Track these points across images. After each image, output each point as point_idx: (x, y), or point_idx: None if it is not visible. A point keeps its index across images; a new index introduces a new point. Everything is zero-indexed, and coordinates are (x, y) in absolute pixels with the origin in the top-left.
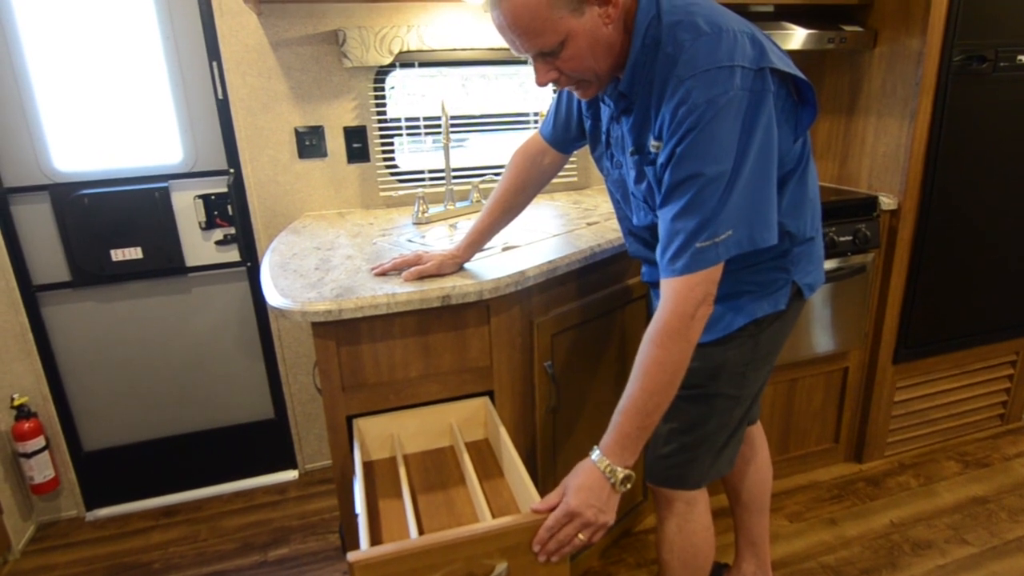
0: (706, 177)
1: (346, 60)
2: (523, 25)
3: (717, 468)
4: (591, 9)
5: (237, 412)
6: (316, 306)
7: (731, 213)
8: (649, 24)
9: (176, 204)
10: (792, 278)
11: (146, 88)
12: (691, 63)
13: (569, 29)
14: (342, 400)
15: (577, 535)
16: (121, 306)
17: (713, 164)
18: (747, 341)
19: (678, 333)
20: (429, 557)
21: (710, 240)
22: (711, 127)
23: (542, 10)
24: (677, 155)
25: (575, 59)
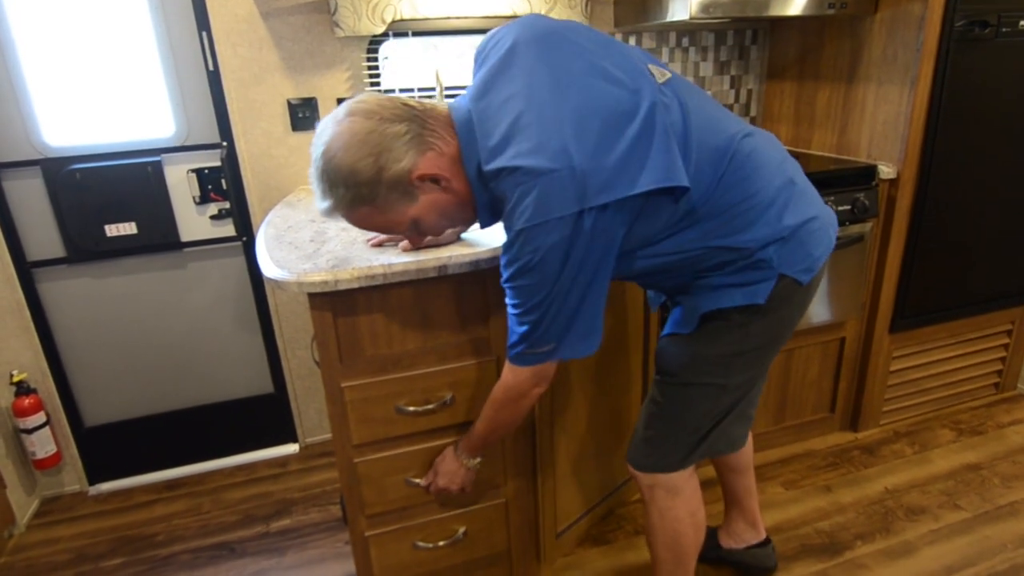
0: (528, 305)
1: (338, 29)
2: (371, 228)
3: (700, 453)
4: (425, 192)
5: (236, 387)
6: (312, 277)
7: (551, 331)
8: (477, 177)
9: (169, 178)
10: (777, 272)
11: (135, 60)
12: (520, 215)
13: (413, 215)
14: (340, 372)
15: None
16: (117, 282)
17: (534, 296)
18: (734, 331)
19: (510, 403)
20: (398, 385)
21: (531, 350)
22: (536, 271)
23: (378, 216)
24: (505, 279)
25: (434, 228)
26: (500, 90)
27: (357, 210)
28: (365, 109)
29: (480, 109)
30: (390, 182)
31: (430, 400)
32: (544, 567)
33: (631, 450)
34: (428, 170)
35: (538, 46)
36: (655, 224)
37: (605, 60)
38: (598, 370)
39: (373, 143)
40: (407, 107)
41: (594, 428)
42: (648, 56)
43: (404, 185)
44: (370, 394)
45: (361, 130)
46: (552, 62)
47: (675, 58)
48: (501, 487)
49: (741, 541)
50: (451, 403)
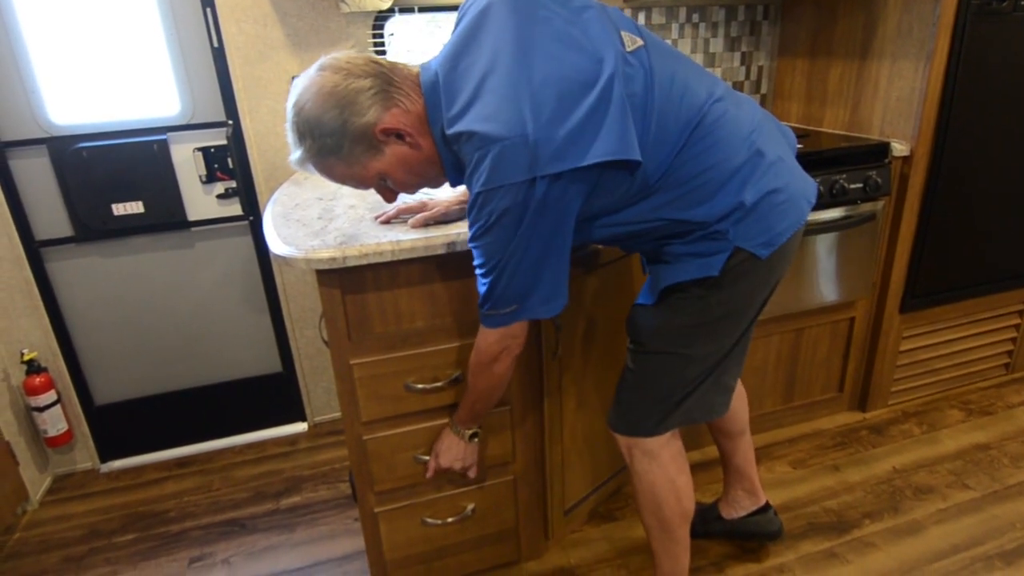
0: (489, 265)
1: (343, 5)
2: (340, 180)
3: (675, 420)
4: (390, 146)
5: (245, 366)
6: (320, 254)
7: (510, 292)
8: (442, 139)
9: (175, 157)
10: (733, 244)
11: (140, 37)
12: (478, 179)
13: (379, 169)
14: (348, 349)
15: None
16: (125, 261)
17: (493, 257)
18: (693, 302)
19: (484, 368)
20: (407, 363)
21: (495, 310)
22: (492, 232)
23: (344, 168)
24: (469, 239)
25: (402, 184)
26: (467, 55)
27: (324, 160)
28: (335, 65)
29: (446, 72)
30: (355, 134)
31: (439, 378)
32: (552, 543)
33: (610, 412)
34: (392, 124)
35: (509, 9)
36: (612, 195)
37: (575, 26)
38: (605, 347)
39: (339, 96)
40: (376, 64)
41: (602, 405)
42: (626, 20)
43: (369, 138)
44: (379, 371)
45: (328, 83)
46: (520, 27)
47: (685, 34)
48: (510, 464)
49: (740, 509)
50: (459, 380)
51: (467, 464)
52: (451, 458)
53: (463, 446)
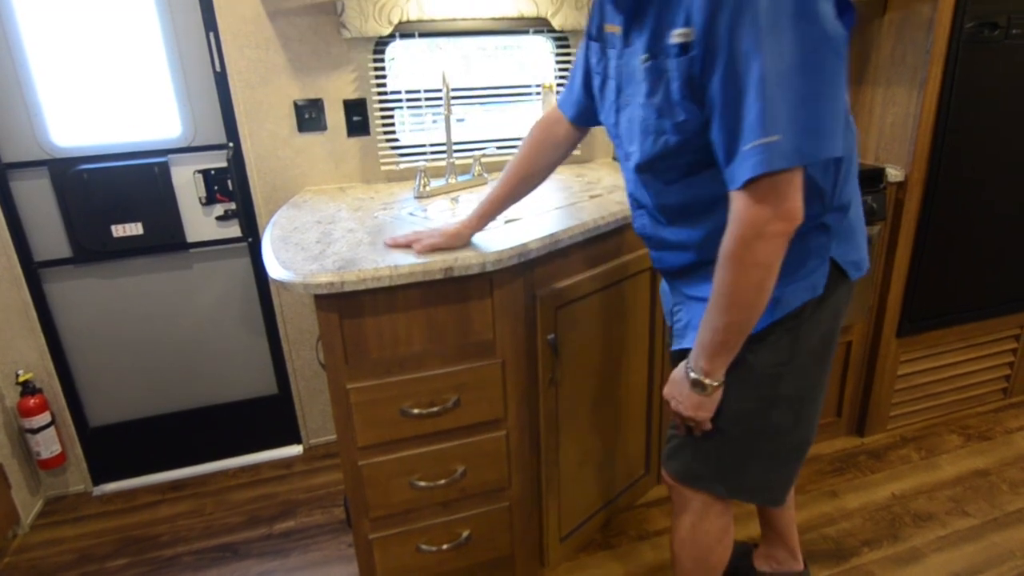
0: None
1: (345, 31)
2: None
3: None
4: None
5: (241, 388)
6: (318, 278)
7: (781, 107)
8: None
9: (176, 179)
10: (829, 254)
11: (143, 61)
12: None
13: None
14: (345, 373)
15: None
16: (123, 282)
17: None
18: (782, 337)
19: (736, 258)
20: (403, 387)
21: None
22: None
23: None
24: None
25: None
26: None
27: None
28: None
29: None
30: None
31: (435, 403)
32: (548, 571)
33: (666, 457)
34: None
35: None
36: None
37: None
38: (602, 373)
39: None
40: None
41: (599, 432)
42: None
43: None
44: (375, 396)
45: None
46: None
47: None
48: (505, 490)
49: (777, 565)
50: (456, 406)
51: (682, 412)
52: (670, 395)
53: (685, 388)
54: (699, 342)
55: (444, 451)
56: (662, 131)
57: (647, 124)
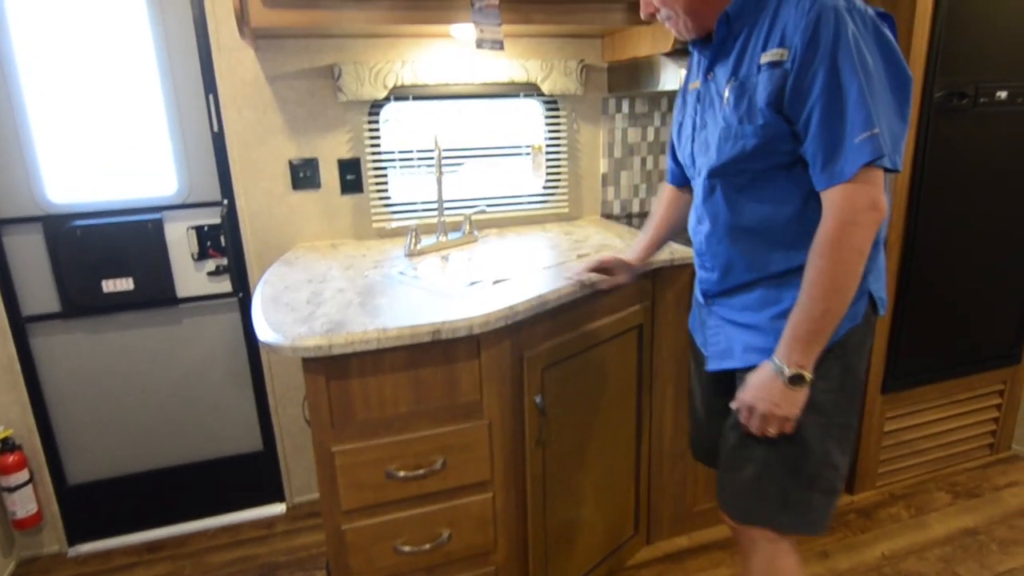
0: (855, 73)
1: (341, 94)
2: None
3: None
4: None
5: (225, 444)
6: (306, 341)
7: (878, 111)
8: None
9: (169, 235)
10: (867, 286)
11: (143, 121)
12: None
13: None
14: (331, 436)
15: (765, 426)
16: (111, 337)
17: (857, 61)
18: (833, 364)
19: (835, 243)
20: (389, 450)
21: (866, 132)
22: (845, 28)
23: None
24: (819, 59)
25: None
26: None
27: None
28: None
29: None
30: None
31: (421, 465)
32: None
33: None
34: None
35: None
36: None
37: None
38: (590, 433)
39: None
40: None
41: (586, 493)
42: None
43: None
44: (361, 459)
45: None
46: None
47: (667, 122)
48: (491, 554)
49: None
50: (442, 468)
51: (777, 414)
52: (758, 398)
53: (779, 387)
54: (792, 336)
55: (429, 514)
56: (742, 135)
57: (728, 130)
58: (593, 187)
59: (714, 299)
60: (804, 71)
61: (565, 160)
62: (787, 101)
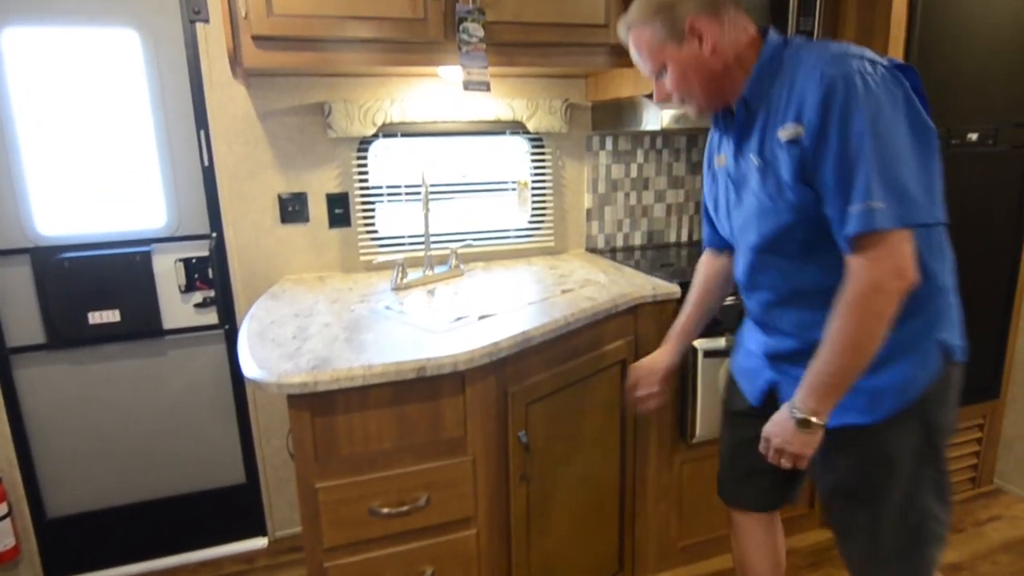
0: (865, 138)
1: (331, 131)
2: (635, 48)
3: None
4: (690, 43)
5: (207, 477)
6: (292, 378)
7: (886, 181)
8: (775, 48)
9: (157, 267)
10: (937, 335)
11: (134, 155)
12: (821, 54)
13: (667, 56)
14: (315, 472)
15: (778, 458)
16: (95, 369)
17: (868, 126)
18: (911, 422)
19: (855, 307)
20: (373, 486)
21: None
22: (856, 94)
23: (647, 40)
24: (831, 127)
25: (674, 82)
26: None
27: (640, 27)
28: None
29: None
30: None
31: (404, 501)
32: None
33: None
34: (702, 26)
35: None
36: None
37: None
38: (574, 469)
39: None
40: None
41: (570, 529)
42: None
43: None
44: (344, 495)
45: None
46: None
47: (649, 159)
48: None
49: None
50: (426, 505)
51: (787, 451)
52: (773, 433)
53: (790, 428)
54: (809, 385)
55: (413, 551)
56: (776, 212)
57: (763, 209)
58: (578, 222)
59: (782, 361)
60: (817, 144)
61: (551, 195)
62: (808, 173)
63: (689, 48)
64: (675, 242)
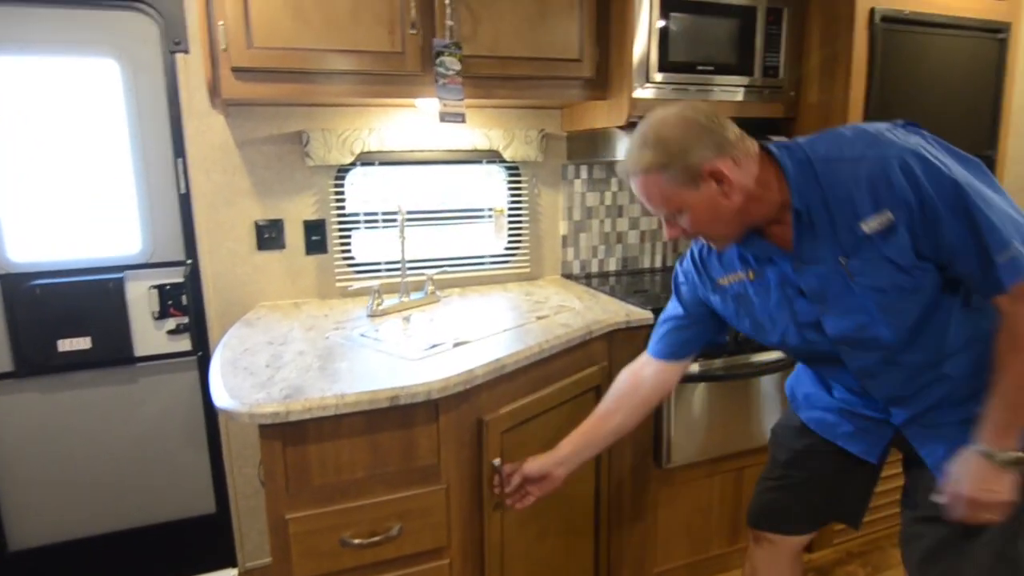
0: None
1: (309, 159)
2: (645, 195)
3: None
4: (707, 185)
5: (177, 506)
6: (264, 408)
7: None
8: (794, 156)
9: (130, 294)
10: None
11: (110, 182)
12: (854, 143)
13: (684, 202)
14: (285, 503)
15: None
16: (65, 396)
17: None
18: None
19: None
20: (344, 516)
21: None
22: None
23: (660, 187)
24: (929, 196)
25: (694, 224)
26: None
27: (648, 173)
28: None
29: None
30: (688, 163)
31: (376, 532)
32: None
33: None
34: (719, 169)
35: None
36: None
37: None
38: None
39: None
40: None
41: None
42: None
43: (695, 173)
44: (315, 526)
45: (691, 116)
46: None
47: (624, 187)
48: None
49: None
50: (398, 535)
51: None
52: (978, 490)
53: (995, 473)
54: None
55: None
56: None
57: (885, 305)
58: (554, 248)
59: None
60: (923, 219)
61: (527, 222)
62: (922, 250)
63: (707, 189)
64: (649, 268)
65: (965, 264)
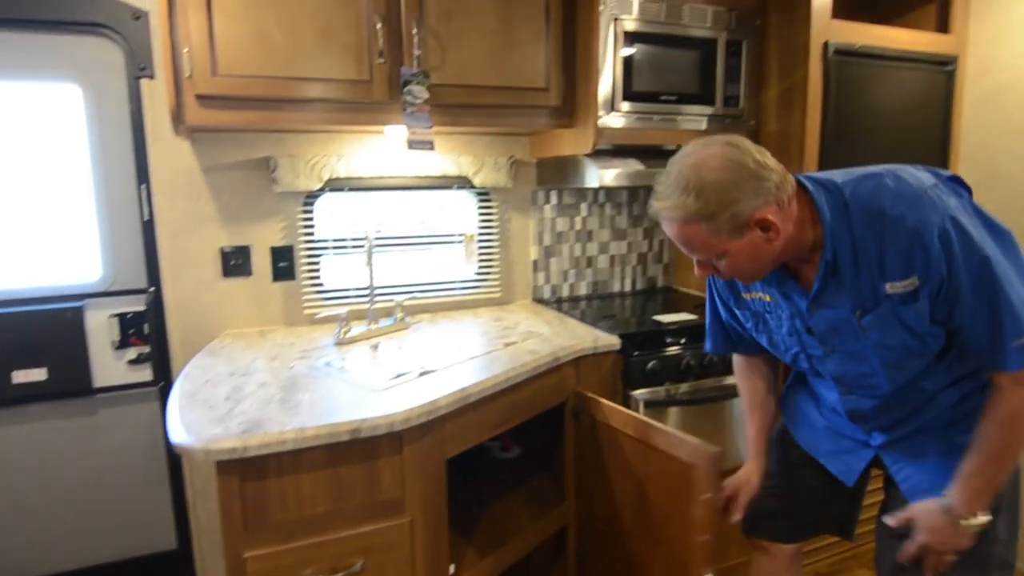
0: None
1: (276, 185)
2: (684, 242)
3: None
4: (752, 233)
5: (137, 543)
6: (220, 444)
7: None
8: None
9: (89, 323)
10: None
11: (70, 209)
12: (896, 199)
13: (727, 249)
14: (244, 541)
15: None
16: (18, 430)
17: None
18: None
19: (1018, 425)
20: (305, 553)
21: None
22: (966, 236)
23: (701, 235)
24: (960, 272)
25: (731, 267)
26: None
27: (690, 222)
28: (744, 146)
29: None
30: (735, 212)
31: (338, 568)
32: None
33: None
34: (766, 216)
35: None
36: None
37: None
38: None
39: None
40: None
41: None
42: None
43: (743, 221)
44: (275, 564)
45: (736, 158)
46: None
47: (593, 212)
48: None
49: None
50: (361, 571)
51: (953, 546)
52: (938, 542)
53: (957, 529)
54: (972, 490)
55: None
56: (917, 357)
57: (891, 361)
58: (524, 273)
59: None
60: (948, 291)
61: (497, 247)
62: (941, 317)
63: (751, 236)
64: (619, 291)
65: (975, 337)
